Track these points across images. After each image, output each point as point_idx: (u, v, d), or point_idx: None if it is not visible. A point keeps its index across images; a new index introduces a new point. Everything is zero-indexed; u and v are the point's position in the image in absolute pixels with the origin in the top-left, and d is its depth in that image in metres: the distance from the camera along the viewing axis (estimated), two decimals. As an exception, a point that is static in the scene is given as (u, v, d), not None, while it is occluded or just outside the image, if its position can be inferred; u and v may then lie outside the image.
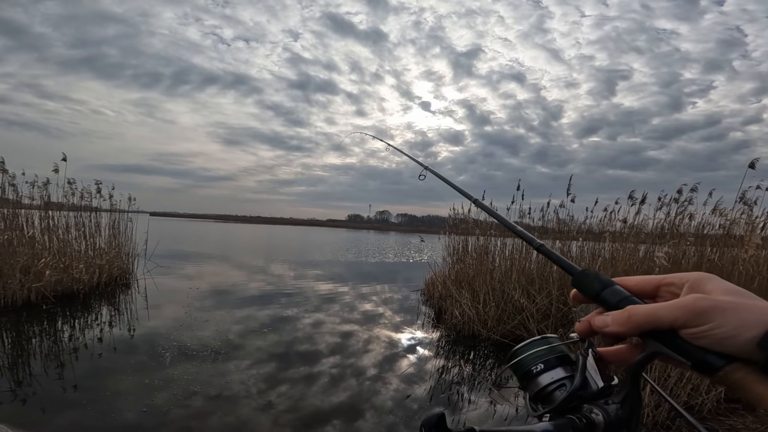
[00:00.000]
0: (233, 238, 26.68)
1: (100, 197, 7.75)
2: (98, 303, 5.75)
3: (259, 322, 5.16)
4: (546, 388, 0.38)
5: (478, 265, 6.06)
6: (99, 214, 7.43)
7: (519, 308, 4.95)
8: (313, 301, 6.70)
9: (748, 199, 4.11)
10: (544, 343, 0.40)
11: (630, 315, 0.33)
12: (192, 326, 4.75)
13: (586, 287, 0.39)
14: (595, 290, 0.37)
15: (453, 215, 7.58)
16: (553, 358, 0.38)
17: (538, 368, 0.38)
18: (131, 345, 4.07)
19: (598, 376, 0.36)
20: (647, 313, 0.32)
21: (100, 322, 4.88)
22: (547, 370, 0.38)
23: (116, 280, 7.03)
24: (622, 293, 0.36)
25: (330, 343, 4.48)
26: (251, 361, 3.78)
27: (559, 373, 0.38)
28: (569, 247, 5.69)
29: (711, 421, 2.79)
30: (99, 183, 7.76)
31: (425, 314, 6.32)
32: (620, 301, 0.35)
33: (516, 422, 2.89)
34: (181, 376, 3.32)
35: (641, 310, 0.33)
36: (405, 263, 14.93)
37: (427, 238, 13.10)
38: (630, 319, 0.33)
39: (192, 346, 4.04)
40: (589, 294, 0.38)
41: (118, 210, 7.87)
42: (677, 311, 0.31)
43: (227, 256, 13.49)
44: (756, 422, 2.78)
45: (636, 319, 0.33)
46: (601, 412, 0.33)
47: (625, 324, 0.33)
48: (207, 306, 5.85)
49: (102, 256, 6.97)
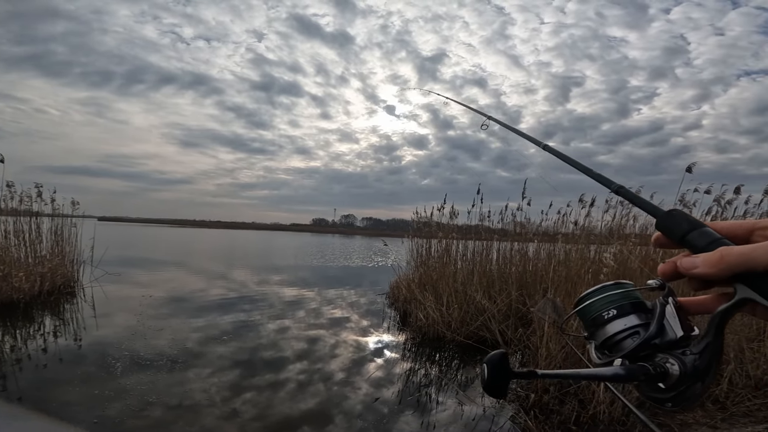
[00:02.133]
0: (191, 243, 25.47)
1: (41, 201, 7.18)
2: (41, 313, 5.31)
3: (221, 329, 4.98)
4: (617, 335, 0.35)
5: (441, 268, 6.20)
6: (40, 219, 6.87)
7: (481, 309, 5.12)
8: (278, 307, 6.56)
9: (687, 201, 4.50)
10: (618, 288, 0.37)
11: (723, 255, 0.30)
12: (145, 335, 4.50)
13: (671, 229, 0.36)
14: (683, 231, 0.34)
15: (417, 219, 7.73)
16: (627, 304, 0.36)
17: (610, 314, 0.36)
18: (78, 355, 3.80)
19: (678, 326, 0.34)
20: (742, 253, 0.30)
21: (43, 332, 4.51)
22: (620, 317, 0.35)
23: (60, 289, 6.51)
24: (712, 235, 0.33)
25: (296, 349, 4.41)
26: (213, 369, 3.64)
27: (633, 320, 0.35)
28: (526, 247, 5.98)
29: (663, 417, 2.86)
30: (40, 186, 7.19)
31: (391, 317, 6.37)
32: (710, 243, 0.33)
33: (483, 422, 2.99)
34: (134, 386, 3.14)
35: (735, 250, 0.30)
36: (370, 267, 14.95)
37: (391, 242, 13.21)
38: (723, 260, 0.30)
39: (146, 356, 3.83)
40: (675, 236, 0.35)
41: (60, 215, 7.31)
42: None
43: (184, 263, 12.87)
44: (705, 416, 2.90)
45: (729, 259, 0.30)
46: (677, 362, 0.31)
47: (717, 265, 0.30)
48: (162, 314, 5.56)
49: (44, 263, 6.43)
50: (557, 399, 3.15)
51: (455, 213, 6.97)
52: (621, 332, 0.35)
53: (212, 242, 28.08)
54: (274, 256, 17.78)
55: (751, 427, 2.76)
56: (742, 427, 2.77)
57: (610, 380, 0.33)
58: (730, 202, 4.54)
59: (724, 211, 4.59)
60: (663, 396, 0.32)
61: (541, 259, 5.58)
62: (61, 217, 7.30)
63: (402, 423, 2.89)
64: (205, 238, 33.33)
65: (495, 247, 6.31)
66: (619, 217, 5.00)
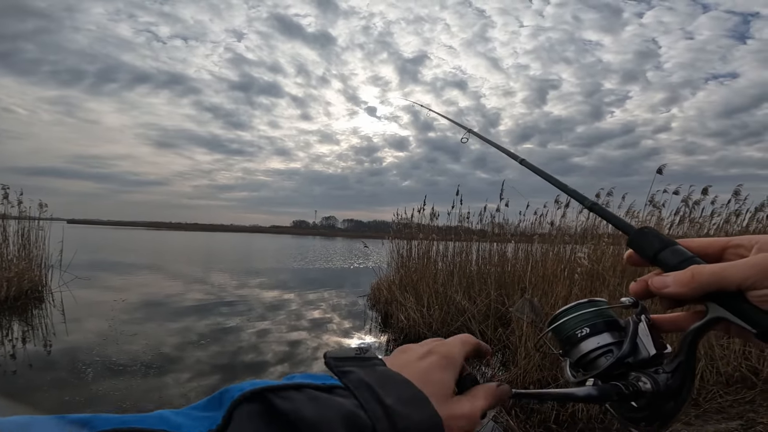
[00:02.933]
0: (166, 246, 24.74)
1: (8, 203, 6.87)
2: (8, 318, 5.08)
3: (198, 333, 4.87)
4: (590, 353, 0.35)
5: (421, 269, 6.25)
6: (6, 222, 6.56)
7: (461, 310, 5.18)
8: (258, 310, 6.47)
9: (657, 202, 4.69)
10: (591, 306, 0.37)
11: (694, 274, 0.30)
12: (118, 340, 4.36)
13: (643, 247, 0.35)
14: (654, 250, 0.34)
15: (397, 220, 7.78)
16: (600, 323, 0.35)
17: (583, 332, 0.36)
18: (48, 361, 3.66)
19: (650, 344, 0.33)
20: (713, 272, 0.29)
21: (11, 338, 4.33)
22: (593, 335, 0.35)
23: (27, 294, 6.22)
24: (684, 253, 0.33)
25: (277, 352, 4.37)
26: (191, 373, 3.57)
27: (606, 339, 0.35)
28: (505, 248, 6.11)
29: None
30: (6, 187, 6.87)
31: (373, 319, 6.38)
32: (682, 261, 0.32)
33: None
34: (108, 392, 3.05)
35: (707, 269, 0.30)
36: (351, 269, 14.92)
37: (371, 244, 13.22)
38: (694, 279, 0.30)
39: (119, 361, 3.72)
40: (647, 254, 0.35)
41: (28, 217, 7.01)
42: (747, 270, 0.28)
43: (159, 266, 12.50)
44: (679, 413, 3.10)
45: (700, 278, 0.30)
46: (650, 381, 0.31)
47: (688, 284, 0.30)
48: (136, 319, 5.40)
49: (10, 267, 6.14)
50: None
51: (435, 214, 7.05)
52: (594, 350, 0.35)
53: (189, 245, 27.37)
54: (254, 259, 17.49)
55: (725, 423, 2.83)
56: (715, 424, 2.83)
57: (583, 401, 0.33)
58: (698, 202, 4.73)
59: (692, 211, 4.78)
60: (636, 415, 0.32)
61: (519, 260, 5.70)
62: (29, 219, 7.00)
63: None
64: (182, 241, 32.45)
65: (474, 248, 6.41)
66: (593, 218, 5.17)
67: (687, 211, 4.80)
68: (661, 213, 4.78)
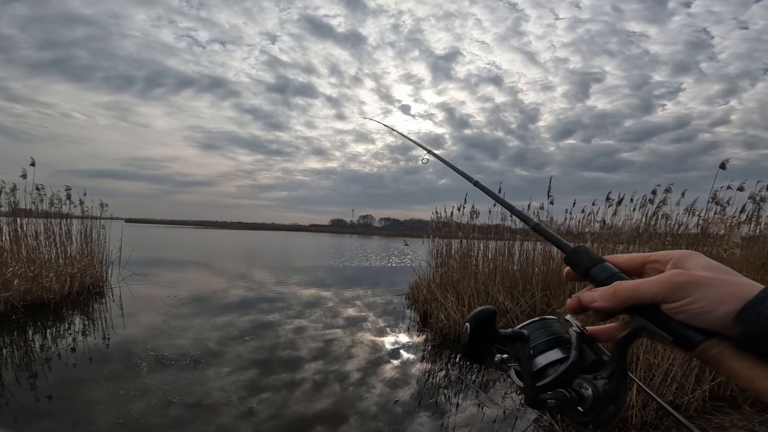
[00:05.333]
0: (213, 244, 26.09)
1: (71, 204, 7.48)
2: (70, 312, 5.51)
3: (240, 328, 5.03)
4: (541, 369, 0.38)
5: (462, 269, 6.08)
6: (70, 221, 7.14)
7: (504, 310, 4.99)
8: (296, 307, 6.59)
9: (720, 199, 4.25)
10: (540, 326, 0.40)
11: (615, 290, 0.34)
12: (169, 334, 4.59)
13: (576, 264, 0.39)
14: (585, 267, 0.38)
15: (436, 219, 7.63)
16: (551, 340, 0.39)
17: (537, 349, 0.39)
18: (106, 354, 3.90)
19: (590, 353, 0.37)
20: (631, 288, 0.33)
21: (72, 331, 4.67)
22: (544, 352, 0.38)
23: (89, 289, 6.75)
24: (610, 270, 0.37)
25: (313, 349, 4.41)
26: (231, 368, 3.67)
27: (557, 354, 0.38)
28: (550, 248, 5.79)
29: (698, 420, 2.78)
30: (69, 189, 7.48)
31: (410, 318, 6.29)
32: (608, 277, 0.36)
33: (503, 424, 2.89)
34: (158, 385, 3.19)
35: (626, 285, 0.33)
36: (389, 267, 14.90)
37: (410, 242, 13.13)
38: (615, 295, 0.34)
39: (169, 355, 3.90)
40: (580, 271, 0.39)
41: (90, 217, 7.59)
42: (657, 286, 0.31)
43: (206, 263, 13.17)
44: (742, 420, 2.79)
45: (621, 294, 0.33)
46: (590, 387, 0.34)
47: (611, 299, 0.34)
48: (185, 313, 5.68)
49: (74, 264, 6.68)
50: (584, 403, 3.01)
51: (476, 213, 6.84)
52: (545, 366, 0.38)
53: (233, 243, 28.68)
54: (293, 257, 17.98)
55: None
56: None
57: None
58: (764, 199, 4.27)
59: (760, 208, 4.32)
60: (583, 419, 0.34)
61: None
62: (90, 218, 7.57)
63: (417, 425, 2.82)
64: (227, 239, 34.10)
65: (517, 247, 6.14)
66: (650, 216, 4.75)
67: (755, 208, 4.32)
68: (725, 211, 4.32)
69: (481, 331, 0.39)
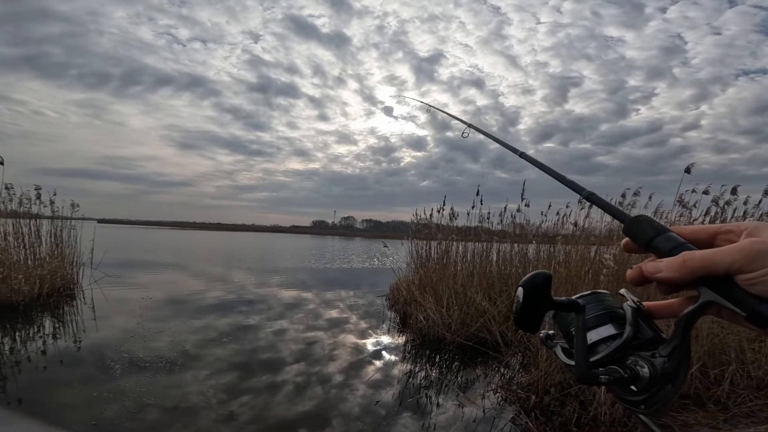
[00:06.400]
0: (191, 245, 25.45)
1: (41, 203, 7.19)
2: (40, 315, 5.31)
3: (219, 331, 4.96)
4: (592, 345, 0.36)
5: (440, 270, 6.18)
6: (39, 221, 6.86)
7: (481, 311, 5.09)
8: (276, 309, 6.54)
9: (686, 202, 4.48)
10: (593, 300, 0.38)
11: (685, 260, 0.31)
12: (144, 337, 4.48)
13: (637, 235, 0.37)
14: (648, 237, 0.35)
15: (416, 221, 7.72)
16: (604, 314, 0.37)
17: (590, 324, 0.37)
18: (77, 357, 3.79)
19: (646, 330, 0.35)
20: (703, 257, 0.30)
21: (43, 334, 4.51)
22: (596, 327, 0.36)
23: (59, 291, 6.50)
24: (676, 240, 0.34)
25: (294, 351, 4.39)
26: (210, 371, 3.63)
27: (610, 330, 0.36)
28: (526, 249, 5.96)
29: (663, 417, 2.82)
30: (39, 188, 7.19)
31: (391, 319, 6.34)
32: (674, 247, 0.33)
33: (483, 424, 2.97)
34: (132, 388, 3.12)
35: (697, 254, 0.31)
36: (370, 269, 14.92)
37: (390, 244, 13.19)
38: (685, 264, 0.31)
39: (144, 357, 3.82)
40: (642, 241, 0.36)
41: (60, 217, 7.31)
42: (734, 254, 0.29)
43: (184, 265, 12.85)
44: (707, 417, 2.88)
45: (691, 264, 0.31)
46: (647, 365, 0.32)
47: (680, 269, 0.31)
48: (161, 316, 5.55)
49: (43, 265, 6.42)
50: (558, 400, 3.13)
51: (455, 214, 6.96)
52: (597, 342, 0.36)
53: (212, 244, 28.07)
54: (274, 258, 17.76)
55: (753, 427, 2.76)
56: (744, 428, 2.76)
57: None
58: (729, 202, 4.51)
59: (723, 211, 4.57)
60: (635, 398, 0.33)
61: (541, 261, 5.55)
62: (61, 219, 7.29)
63: (400, 425, 2.87)
64: (205, 241, 33.33)
65: (495, 249, 6.29)
66: (619, 219, 4.96)
67: (718, 212, 4.57)
68: (691, 213, 4.57)
69: (536, 297, 0.36)
